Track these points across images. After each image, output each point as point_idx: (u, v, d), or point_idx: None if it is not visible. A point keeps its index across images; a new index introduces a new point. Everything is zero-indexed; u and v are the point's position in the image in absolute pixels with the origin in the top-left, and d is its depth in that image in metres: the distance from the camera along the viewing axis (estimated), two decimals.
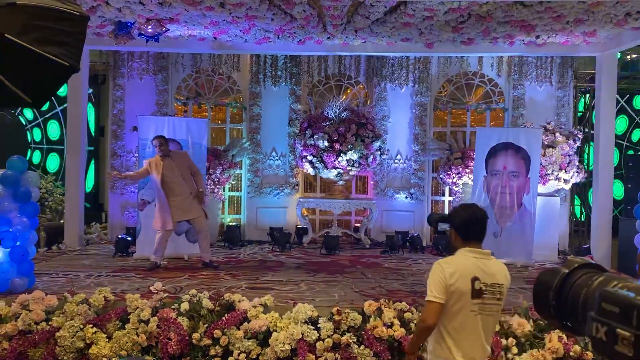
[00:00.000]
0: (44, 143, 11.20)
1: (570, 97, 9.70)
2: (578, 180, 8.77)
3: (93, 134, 10.83)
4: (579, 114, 10.34)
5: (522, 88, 9.67)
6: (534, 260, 8.02)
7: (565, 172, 8.50)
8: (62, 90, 10.20)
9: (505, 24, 7.25)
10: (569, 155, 8.54)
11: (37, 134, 11.24)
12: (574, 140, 8.67)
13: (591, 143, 9.99)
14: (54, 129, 11.24)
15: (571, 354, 4.65)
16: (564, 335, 4.75)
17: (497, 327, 4.70)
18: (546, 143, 8.50)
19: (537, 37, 7.94)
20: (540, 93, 9.72)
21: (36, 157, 11.20)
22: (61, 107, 10.81)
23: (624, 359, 0.99)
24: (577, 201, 10.31)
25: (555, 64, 9.65)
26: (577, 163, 8.66)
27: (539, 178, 8.19)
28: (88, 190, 10.56)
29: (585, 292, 1.15)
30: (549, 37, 8.00)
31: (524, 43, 8.35)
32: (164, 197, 7.15)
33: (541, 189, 8.43)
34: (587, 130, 10.50)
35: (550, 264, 8.16)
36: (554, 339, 4.68)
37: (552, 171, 8.46)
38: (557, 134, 8.59)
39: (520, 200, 8.13)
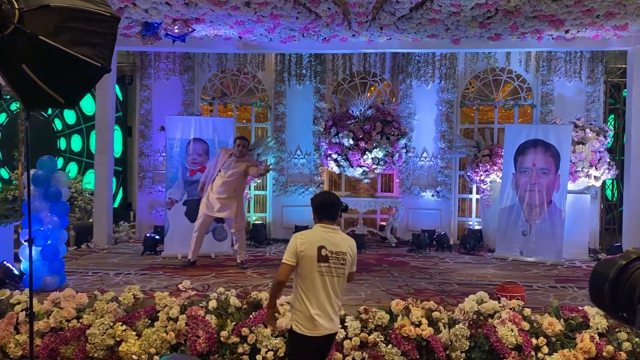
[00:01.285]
0: (67, 152, 11.44)
1: (600, 92, 9.51)
2: (609, 177, 8.60)
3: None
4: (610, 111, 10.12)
5: (550, 84, 9.51)
6: (564, 259, 7.89)
7: (596, 168, 8.33)
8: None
9: (534, 18, 7.14)
10: (599, 152, 8.37)
11: (62, 144, 11.50)
12: (605, 137, 8.50)
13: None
14: (77, 142, 11.49)
15: (604, 354, 4.55)
16: (596, 335, 4.66)
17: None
18: (576, 139, 8.34)
19: (567, 31, 7.80)
20: (569, 89, 9.55)
21: (59, 164, 11.48)
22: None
23: None
24: (608, 196, 10.10)
25: (585, 58, 9.47)
26: (608, 160, 8.48)
27: (568, 175, 8.05)
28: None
29: None
30: (578, 31, 7.84)
31: (552, 38, 8.21)
32: (209, 188, 7.26)
33: (571, 186, 8.29)
34: (617, 126, 10.28)
35: (581, 262, 8.02)
36: (586, 339, 4.59)
37: (582, 168, 8.31)
38: (588, 130, 8.42)
39: (550, 198, 8.00)
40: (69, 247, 8.03)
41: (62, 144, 11.45)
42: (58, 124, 11.39)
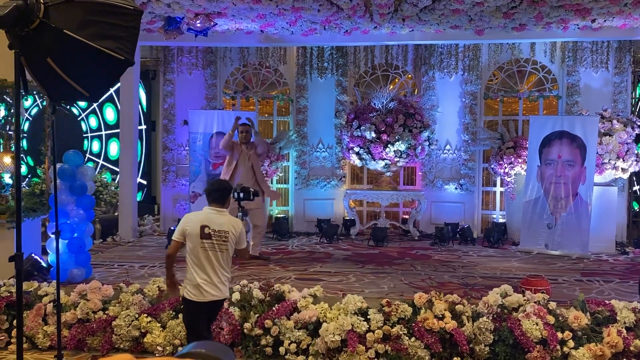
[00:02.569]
0: (102, 129, 11.45)
1: (628, 82, 9.31)
2: (637, 169, 8.43)
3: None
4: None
5: (576, 74, 9.34)
6: (590, 252, 7.77)
7: (623, 160, 8.18)
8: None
9: (559, 8, 7.01)
10: (627, 144, 8.21)
11: (93, 122, 11.52)
12: (632, 128, 8.33)
13: None
14: (110, 113, 11.41)
15: (631, 348, 4.48)
16: (623, 329, 4.58)
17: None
18: (602, 131, 8.20)
19: (593, 21, 7.64)
20: (595, 79, 9.37)
21: (95, 146, 11.50)
22: (115, 88, 10.91)
23: None
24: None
25: (612, 48, 9.28)
26: (636, 151, 8.31)
27: (595, 167, 7.92)
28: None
29: None
30: (605, 20, 7.68)
31: (578, 28, 8.05)
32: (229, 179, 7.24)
33: (597, 178, 8.15)
34: None
35: (608, 256, 7.89)
36: (613, 333, 4.52)
37: (609, 160, 8.16)
38: (615, 122, 8.26)
39: (576, 191, 7.88)
40: (95, 240, 8.16)
41: (92, 122, 11.56)
42: (90, 124, 11.51)
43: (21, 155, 5.45)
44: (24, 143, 10.65)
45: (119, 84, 9.02)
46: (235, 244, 3.94)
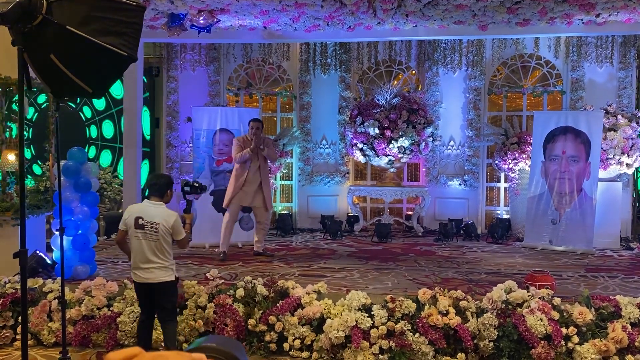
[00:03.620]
0: (99, 140, 11.57)
1: (633, 77, 9.27)
2: None
3: (148, 136, 11.03)
4: None
5: (581, 69, 9.30)
6: (594, 248, 7.75)
7: (628, 156, 8.15)
8: (119, 93, 10.48)
9: (564, 2, 6.97)
10: (631, 139, 8.18)
11: (93, 131, 11.63)
12: (637, 123, 8.29)
13: None
14: (108, 128, 11.59)
15: (636, 344, 4.47)
16: (628, 325, 4.57)
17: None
18: (607, 126, 8.16)
19: (597, 15, 7.60)
20: (600, 74, 9.33)
21: (92, 152, 11.59)
22: (116, 109, 11.10)
23: None
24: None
25: (616, 43, 9.23)
26: None
27: (599, 163, 7.89)
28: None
29: None
30: (610, 15, 7.63)
31: (583, 22, 8.00)
32: (237, 177, 7.21)
33: (602, 174, 8.12)
34: None
35: (612, 251, 7.87)
36: (618, 329, 4.50)
37: (614, 155, 8.13)
38: (619, 117, 8.23)
39: (580, 186, 7.86)
40: (99, 236, 8.18)
41: (92, 131, 11.59)
42: (87, 112, 11.52)
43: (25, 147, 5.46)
44: (29, 133, 10.74)
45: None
46: (172, 234, 4.27)
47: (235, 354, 0.80)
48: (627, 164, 8.23)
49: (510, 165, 8.82)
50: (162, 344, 4.95)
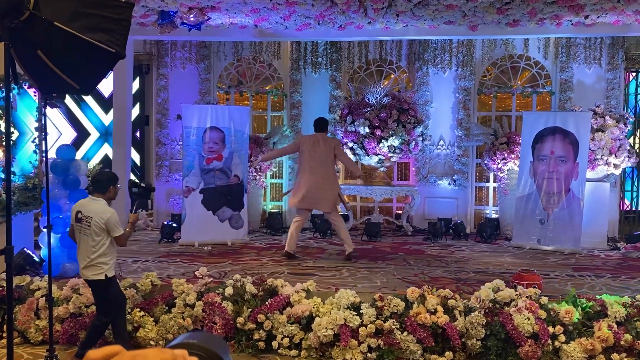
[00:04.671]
0: None
1: (620, 79, 9.34)
2: (629, 165, 8.47)
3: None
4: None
5: (570, 70, 9.36)
6: (582, 248, 7.81)
7: (615, 156, 8.22)
8: None
9: (553, 4, 7.02)
10: (619, 140, 8.25)
11: None
12: (625, 124, 8.36)
13: None
14: None
15: (622, 343, 4.51)
16: (614, 324, 4.62)
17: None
18: (595, 127, 8.23)
19: (586, 17, 7.66)
20: (589, 75, 9.39)
21: None
22: None
23: None
24: (628, 186, 9.96)
25: (605, 45, 9.30)
26: (628, 147, 8.35)
27: (587, 163, 7.95)
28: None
29: None
30: (598, 17, 7.70)
31: (572, 24, 8.07)
32: (303, 178, 7.05)
33: (590, 174, 8.18)
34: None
35: (600, 251, 7.94)
36: (604, 328, 4.55)
37: (602, 156, 8.20)
38: (607, 118, 8.30)
39: (568, 186, 7.92)
40: None
41: None
42: None
43: None
44: None
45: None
46: (108, 231, 4.34)
47: (218, 352, 0.80)
48: (614, 165, 8.30)
49: (499, 165, 8.87)
50: (150, 342, 4.94)
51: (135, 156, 11.01)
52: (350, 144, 9.03)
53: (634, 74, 9.79)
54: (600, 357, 4.48)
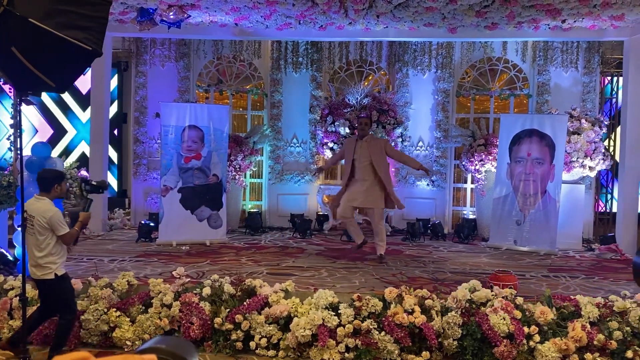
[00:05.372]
0: None
1: (596, 82, 9.50)
2: (603, 167, 8.62)
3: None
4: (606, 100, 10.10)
5: (547, 74, 9.49)
6: (557, 249, 7.92)
7: (591, 159, 8.35)
8: None
9: (531, 8, 7.11)
10: (594, 142, 8.38)
11: None
12: (600, 127, 8.50)
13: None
14: None
15: (595, 342, 4.59)
16: (587, 324, 4.69)
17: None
18: (571, 130, 8.35)
19: (563, 21, 7.78)
20: (565, 79, 9.54)
21: None
22: None
23: None
24: (602, 189, 10.13)
25: (581, 49, 9.45)
26: (603, 150, 8.49)
27: (563, 165, 8.07)
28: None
29: None
30: (575, 21, 7.82)
31: (549, 27, 8.18)
32: (346, 179, 7.03)
33: (566, 176, 8.30)
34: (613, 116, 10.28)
35: (574, 252, 8.06)
36: (577, 328, 4.62)
37: (577, 158, 8.32)
38: (583, 121, 8.43)
39: (545, 188, 8.02)
40: None
41: None
42: None
43: None
44: None
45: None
46: (52, 230, 4.27)
47: (186, 357, 0.80)
48: (589, 167, 8.43)
49: (477, 167, 8.96)
50: (127, 342, 4.89)
51: (113, 154, 10.92)
52: (331, 144, 9.04)
53: (609, 78, 9.97)
54: (574, 357, 4.55)
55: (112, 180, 11.09)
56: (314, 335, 4.68)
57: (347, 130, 8.84)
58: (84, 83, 10.73)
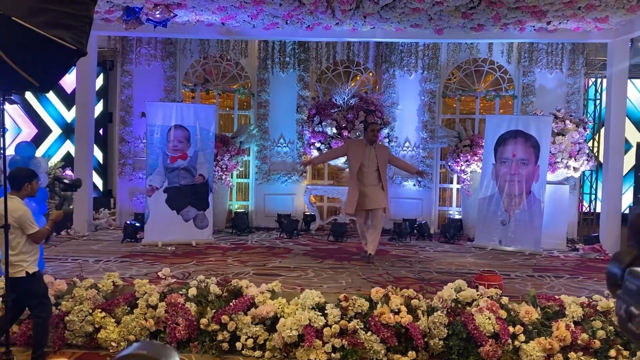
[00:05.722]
0: None
1: (581, 84, 9.59)
2: (588, 168, 8.71)
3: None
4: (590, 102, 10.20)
5: (532, 75, 9.57)
6: (542, 249, 7.99)
7: (575, 160, 8.43)
8: None
9: (516, 9, 7.16)
10: (578, 143, 8.46)
11: None
12: (584, 128, 8.59)
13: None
14: None
15: (579, 342, 4.63)
16: (571, 323, 4.74)
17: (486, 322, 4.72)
18: (556, 131, 8.43)
19: (548, 23, 7.85)
20: (550, 80, 9.62)
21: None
22: None
23: (634, 337, 0.95)
24: (586, 189, 10.23)
25: (566, 50, 9.54)
26: (587, 151, 8.58)
27: (548, 166, 8.14)
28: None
29: None
30: (560, 23, 7.89)
31: (534, 29, 8.25)
32: (356, 183, 7.05)
33: (550, 177, 8.38)
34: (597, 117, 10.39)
35: (559, 252, 8.13)
36: (562, 327, 4.66)
37: (562, 159, 8.40)
38: (567, 122, 8.51)
39: (529, 188, 8.09)
40: None
41: None
42: None
43: None
44: None
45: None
46: (21, 229, 4.24)
47: None
48: (574, 168, 8.52)
49: (463, 167, 9.01)
50: (112, 343, 4.85)
51: (98, 154, 10.84)
52: (318, 145, 9.05)
53: (593, 79, 10.07)
54: (558, 356, 4.59)
55: (98, 180, 11.01)
56: (300, 335, 4.68)
57: (335, 131, 8.85)
58: (68, 82, 10.65)
